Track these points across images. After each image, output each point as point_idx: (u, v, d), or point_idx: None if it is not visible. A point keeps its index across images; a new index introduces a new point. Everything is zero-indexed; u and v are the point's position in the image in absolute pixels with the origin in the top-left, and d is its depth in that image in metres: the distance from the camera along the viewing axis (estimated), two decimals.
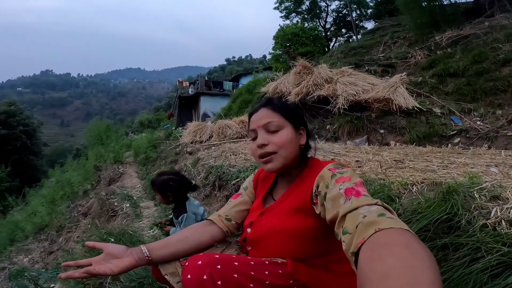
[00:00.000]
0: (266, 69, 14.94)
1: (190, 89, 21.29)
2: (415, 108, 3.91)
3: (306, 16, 16.38)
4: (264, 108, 0.89)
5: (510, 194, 0.94)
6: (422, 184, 1.15)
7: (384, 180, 1.31)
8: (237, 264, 0.70)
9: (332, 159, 0.87)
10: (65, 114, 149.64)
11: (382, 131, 4.08)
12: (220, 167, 2.78)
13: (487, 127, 3.09)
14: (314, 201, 0.76)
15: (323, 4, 16.82)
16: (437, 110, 3.83)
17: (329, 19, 17.43)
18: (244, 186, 1.06)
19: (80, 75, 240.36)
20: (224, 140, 5.30)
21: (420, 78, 4.77)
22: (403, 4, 6.96)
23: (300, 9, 16.84)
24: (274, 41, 13.09)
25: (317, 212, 0.74)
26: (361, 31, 13.43)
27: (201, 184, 2.95)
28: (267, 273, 0.72)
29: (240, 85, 16.71)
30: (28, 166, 21.91)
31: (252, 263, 0.73)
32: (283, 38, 12.27)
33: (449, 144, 3.05)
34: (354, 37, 11.35)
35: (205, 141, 5.50)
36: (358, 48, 7.95)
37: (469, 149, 2.69)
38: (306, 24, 14.61)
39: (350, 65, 5.81)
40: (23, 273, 1.25)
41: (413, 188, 1.13)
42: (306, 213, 0.78)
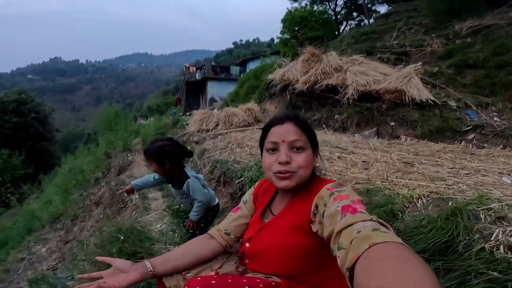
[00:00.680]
0: (274, 54, 14.58)
1: (197, 74, 21.16)
2: (429, 101, 3.76)
3: None
4: (291, 123, 0.86)
5: None
6: (429, 198, 1.12)
7: (390, 190, 1.28)
8: None
9: (331, 180, 0.85)
10: (76, 100, 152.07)
11: (393, 124, 3.97)
12: (225, 163, 2.78)
13: (504, 124, 2.95)
14: (312, 220, 0.78)
15: None
16: (453, 103, 3.67)
17: (340, 2, 16.58)
18: (244, 200, 1.07)
19: (89, 61, 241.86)
20: (230, 129, 5.27)
21: (436, 68, 4.56)
22: None
23: None
24: (282, 25, 12.65)
25: (314, 230, 0.76)
26: (374, 15, 12.80)
27: (207, 179, 2.98)
28: None
29: (247, 70, 16.45)
30: (42, 152, 22.62)
31: (247, 287, 0.75)
32: (291, 22, 11.84)
33: (463, 141, 2.93)
34: (366, 21, 10.84)
35: (212, 130, 5.50)
36: (370, 34, 7.61)
37: (483, 147, 2.59)
38: (315, 7, 14.00)
39: (361, 52, 5.59)
40: (42, 279, 1.33)
41: (418, 202, 1.10)
42: (304, 232, 0.79)
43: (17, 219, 7.07)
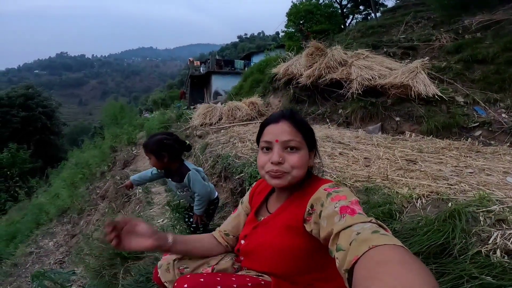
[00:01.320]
0: (279, 47, 14.41)
1: (202, 68, 21.11)
2: (436, 96, 3.67)
3: None
4: (286, 122, 0.84)
5: None
6: (428, 199, 1.10)
7: (389, 189, 1.26)
8: None
9: (328, 179, 0.84)
10: (83, 94, 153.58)
11: (398, 119, 3.91)
12: (227, 158, 2.78)
13: None
14: (307, 219, 0.77)
15: None
16: (460, 99, 3.58)
17: None
18: (242, 201, 1.08)
19: (95, 56, 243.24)
20: (234, 123, 5.26)
21: (445, 63, 4.44)
22: None
23: None
24: (287, 18, 12.44)
25: (308, 230, 0.75)
26: (381, 9, 12.49)
27: (208, 174, 2.98)
28: None
29: (252, 64, 16.32)
30: (50, 146, 22.97)
31: (235, 286, 0.76)
32: (296, 15, 11.62)
33: (469, 138, 2.87)
34: (373, 15, 10.59)
35: (215, 123, 5.49)
36: (377, 28, 7.43)
37: (490, 144, 2.53)
38: (321, 1, 13.70)
39: (367, 46, 5.47)
40: (44, 275, 1.36)
41: (418, 203, 1.08)
42: (297, 232, 0.79)
43: (26, 213, 7.22)
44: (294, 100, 5.38)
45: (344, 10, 15.91)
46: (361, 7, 16.08)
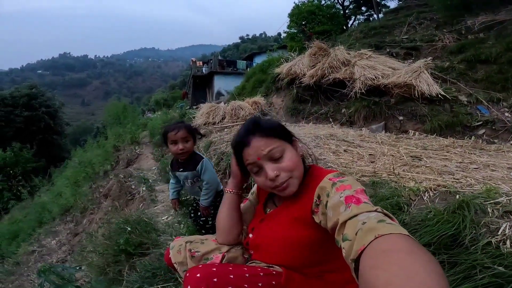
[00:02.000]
0: (281, 48, 14.43)
1: (204, 69, 21.17)
2: (439, 96, 3.68)
3: None
4: (256, 137, 0.82)
5: None
6: (435, 192, 1.11)
7: (396, 183, 1.27)
8: (232, 277, 0.74)
9: (332, 169, 0.84)
10: (85, 94, 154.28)
11: (401, 118, 3.91)
12: (231, 155, 2.79)
13: None
14: (315, 211, 0.77)
15: None
16: (463, 98, 3.59)
17: None
18: (252, 191, 1.10)
19: (97, 56, 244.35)
20: (237, 122, 5.28)
21: (448, 63, 4.45)
22: None
23: None
24: (289, 19, 12.47)
25: (317, 221, 0.75)
26: (383, 10, 12.49)
27: None
28: (261, 285, 0.75)
29: (254, 64, 16.35)
30: (53, 146, 23.05)
31: (247, 275, 0.76)
32: (299, 16, 11.64)
33: (473, 136, 2.87)
34: (375, 16, 10.60)
35: (218, 123, 5.51)
36: (379, 28, 7.44)
37: (493, 143, 2.53)
38: (323, 1, 13.73)
39: (370, 47, 5.48)
40: (50, 269, 1.38)
41: (425, 196, 1.09)
42: (305, 223, 0.79)
43: (28, 212, 7.24)
44: (297, 100, 5.39)
45: (346, 11, 15.94)
46: (363, 8, 16.10)
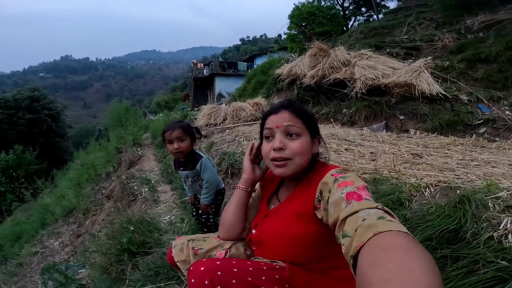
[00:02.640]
0: (281, 49, 14.47)
1: (205, 70, 21.23)
2: (440, 95, 3.69)
3: None
4: (286, 110, 0.86)
5: None
6: (436, 187, 1.11)
7: (397, 179, 1.28)
8: (236, 271, 0.74)
9: (335, 165, 0.85)
10: (87, 96, 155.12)
11: (402, 117, 3.92)
12: (233, 155, 2.81)
13: None
14: (317, 206, 0.77)
15: None
16: (464, 97, 3.59)
17: None
18: (255, 188, 1.08)
19: (99, 59, 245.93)
20: (238, 123, 5.30)
21: (448, 63, 4.46)
22: None
23: None
24: (290, 21, 12.51)
25: (319, 217, 0.75)
26: (383, 10, 12.52)
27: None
28: (264, 279, 0.76)
29: (255, 66, 16.40)
30: (55, 148, 23.16)
31: (251, 269, 0.77)
32: (299, 18, 11.68)
33: (474, 135, 2.88)
34: (375, 17, 10.62)
35: (219, 124, 5.53)
36: (379, 29, 7.45)
37: (494, 141, 2.54)
38: (323, 3, 13.77)
39: (370, 47, 5.50)
40: (54, 267, 1.39)
41: (426, 191, 1.10)
42: (308, 219, 0.79)
43: (31, 214, 7.28)
44: (298, 101, 5.40)
45: (346, 12, 15.97)
46: (363, 9, 16.13)
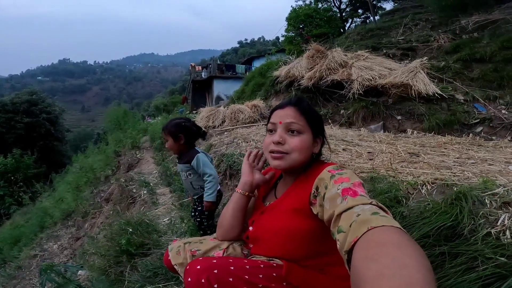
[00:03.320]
0: (279, 51, 14.56)
1: (203, 73, 21.27)
2: (436, 95, 3.72)
3: None
4: (292, 107, 0.88)
5: None
6: (433, 185, 1.12)
7: (394, 178, 1.29)
8: (233, 269, 0.75)
9: (332, 162, 0.86)
10: (85, 100, 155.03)
11: (399, 118, 3.94)
12: (231, 156, 2.81)
13: None
14: (313, 202, 0.78)
15: None
16: (460, 97, 3.62)
17: None
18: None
19: (97, 62, 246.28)
20: (237, 125, 5.31)
21: (443, 63, 4.50)
22: None
23: None
24: (287, 23, 12.60)
25: (315, 213, 0.76)
26: (379, 12, 12.62)
27: None
28: (261, 277, 0.76)
29: (253, 68, 16.45)
30: (54, 152, 23.06)
31: (248, 267, 0.77)
32: (296, 20, 11.77)
33: (470, 134, 2.90)
34: (372, 18, 10.71)
35: (218, 126, 5.54)
36: (376, 30, 7.52)
37: (491, 140, 2.56)
38: (320, 5, 13.87)
39: (367, 48, 5.54)
40: (52, 268, 1.38)
41: (423, 189, 1.11)
42: (304, 214, 0.79)
43: (30, 217, 7.27)
44: None
45: (343, 14, 16.09)
46: (360, 11, 16.25)
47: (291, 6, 13.75)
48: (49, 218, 5.71)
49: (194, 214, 1.79)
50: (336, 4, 15.50)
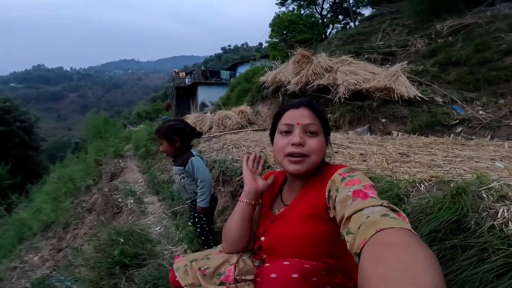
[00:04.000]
0: (263, 57, 14.73)
1: (187, 79, 21.08)
2: (417, 97, 3.89)
3: (302, 3, 15.97)
4: (306, 108, 0.87)
5: None
6: (430, 182, 1.16)
7: (391, 177, 1.32)
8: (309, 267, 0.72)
9: (342, 165, 0.86)
10: (61, 108, 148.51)
11: (384, 120, 4.08)
12: (224, 162, 2.77)
13: (490, 117, 3.09)
14: (328, 206, 0.77)
15: None
16: (439, 99, 3.81)
17: (326, 6, 17.02)
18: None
19: (73, 68, 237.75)
20: (224, 131, 5.28)
21: (421, 67, 4.73)
22: None
23: None
24: (271, 29, 12.83)
25: (331, 216, 0.75)
26: (358, 18, 13.16)
27: None
28: (341, 276, 0.75)
29: (238, 74, 16.53)
30: (29, 162, 21.84)
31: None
32: (280, 26, 12.02)
33: (452, 134, 3.05)
34: (352, 24, 11.15)
35: (206, 133, 5.48)
36: (357, 36, 7.82)
37: (472, 139, 2.70)
38: (302, 11, 14.29)
39: (350, 53, 5.72)
40: (44, 282, 1.28)
41: (421, 187, 1.14)
42: (321, 219, 0.78)
43: (7, 229, 6.86)
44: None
45: (325, 20, 16.64)
46: (340, 17, 16.89)
47: (275, 12, 14.07)
48: (28, 230, 5.46)
49: (194, 221, 1.74)
50: (318, 11, 16.02)
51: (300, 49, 5.52)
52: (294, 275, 0.66)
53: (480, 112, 3.24)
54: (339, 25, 17.33)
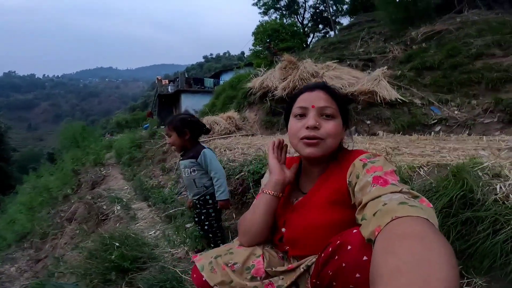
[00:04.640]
0: (247, 65, 14.92)
1: (170, 87, 20.78)
2: (398, 100, 4.13)
3: (285, 12, 16.54)
4: (322, 91, 0.84)
5: (508, 172, 1.05)
6: (428, 167, 1.25)
7: (391, 163, 1.39)
8: None
9: (363, 150, 0.87)
10: (32, 117, 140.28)
11: (369, 122, 4.27)
12: (220, 162, 2.76)
13: (465, 116, 3.34)
14: (350, 192, 0.75)
15: (301, 0, 17.09)
16: (418, 101, 4.07)
17: (307, 15, 17.76)
18: (264, 183, 0.99)
19: (46, 76, 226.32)
20: (213, 136, 5.25)
21: (399, 72, 5.03)
22: (379, 0, 7.24)
23: (279, 5, 16.97)
24: (254, 37, 13.10)
25: (353, 202, 0.73)
26: (337, 27, 13.80)
27: None
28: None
29: (221, 82, 16.55)
30: None
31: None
32: (263, 34, 12.32)
33: (432, 132, 3.25)
34: (331, 33, 11.66)
35: None
36: (337, 44, 8.19)
37: (451, 136, 2.89)
38: (285, 20, 14.79)
39: (333, 60, 5.97)
40: (44, 286, 1.20)
41: (421, 171, 1.22)
42: (344, 205, 0.76)
43: None
44: (271, 113, 5.57)
45: (306, 29, 17.28)
46: (320, 26, 17.64)
47: (259, 21, 14.42)
48: (1, 241, 5.10)
49: (200, 219, 1.70)
50: (299, 20, 16.62)
51: (287, 55, 5.66)
52: (365, 258, 0.60)
53: (456, 112, 3.50)
54: (320, 34, 18.12)
